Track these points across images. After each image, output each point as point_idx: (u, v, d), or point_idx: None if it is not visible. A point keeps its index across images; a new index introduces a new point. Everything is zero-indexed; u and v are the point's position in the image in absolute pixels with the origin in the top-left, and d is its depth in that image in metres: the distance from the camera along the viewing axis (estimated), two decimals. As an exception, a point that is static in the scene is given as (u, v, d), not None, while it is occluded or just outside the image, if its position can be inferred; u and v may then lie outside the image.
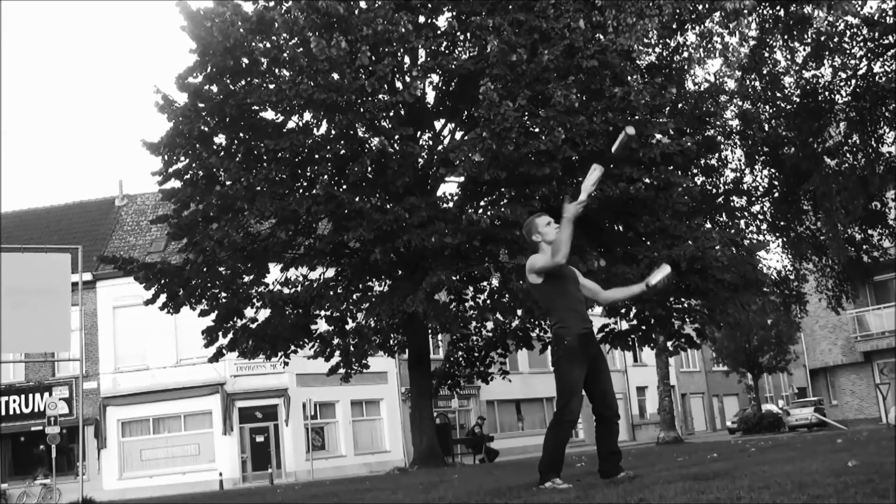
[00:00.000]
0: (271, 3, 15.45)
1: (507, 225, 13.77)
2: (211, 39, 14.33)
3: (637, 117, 14.00)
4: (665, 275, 5.57)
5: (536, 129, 13.56)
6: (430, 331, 17.31)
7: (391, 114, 15.27)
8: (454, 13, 15.25)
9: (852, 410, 35.31)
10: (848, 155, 17.76)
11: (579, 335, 5.34)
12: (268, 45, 14.87)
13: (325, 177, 14.43)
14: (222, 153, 15.40)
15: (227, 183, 14.82)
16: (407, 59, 15.70)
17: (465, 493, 5.59)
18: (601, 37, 13.95)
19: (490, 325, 18.46)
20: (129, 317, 28.62)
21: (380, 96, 14.48)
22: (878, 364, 34.10)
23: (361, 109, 14.19)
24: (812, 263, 20.84)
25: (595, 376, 5.42)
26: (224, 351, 16.95)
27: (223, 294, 16.40)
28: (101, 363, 29.33)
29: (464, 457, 27.73)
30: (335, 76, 13.90)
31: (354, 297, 16.71)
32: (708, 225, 17.25)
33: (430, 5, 15.12)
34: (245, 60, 14.83)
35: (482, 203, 16.18)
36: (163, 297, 16.24)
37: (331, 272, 17.10)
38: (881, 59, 16.60)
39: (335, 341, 16.43)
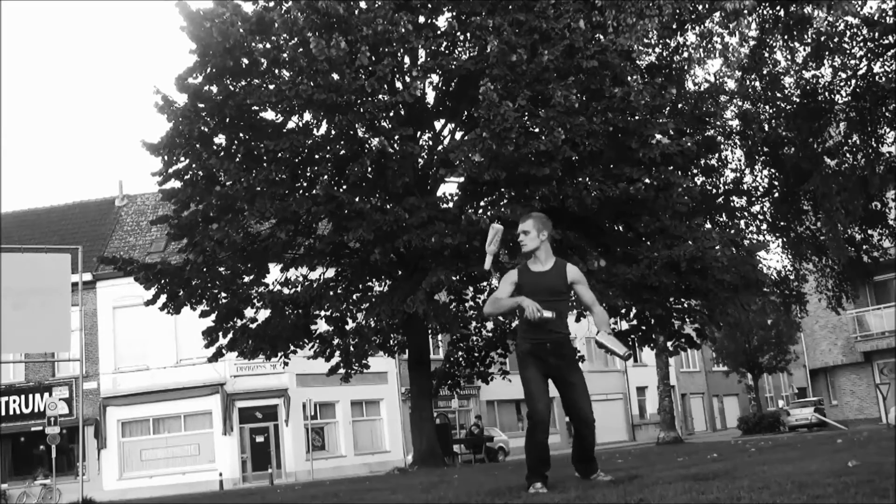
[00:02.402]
0: (271, 4, 15.45)
1: (506, 225, 13.75)
2: (210, 40, 14.33)
3: (637, 117, 14.01)
4: (615, 351, 5.43)
5: (536, 130, 13.56)
6: (430, 331, 17.31)
7: (391, 114, 15.26)
8: (454, 13, 15.24)
9: (852, 410, 35.30)
10: (848, 155, 17.75)
11: (533, 343, 5.37)
12: (267, 45, 14.87)
13: (325, 177, 14.43)
14: (222, 154, 15.39)
15: (227, 183, 14.82)
16: (407, 60, 15.69)
17: (465, 493, 5.58)
18: (601, 37, 13.94)
19: (490, 325, 18.46)
20: (129, 317, 28.65)
21: (380, 96, 14.48)
22: (878, 364, 34.09)
23: (361, 110, 14.19)
24: (812, 263, 20.83)
25: (564, 388, 5.40)
26: (224, 351, 16.95)
27: (223, 294, 16.39)
28: (101, 363, 29.35)
29: (464, 457, 27.72)
30: (335, 76, 13.89)
31: (354, 297, 16.71)
32: (708, 225, 17.24)
33: (430, 5, 15.11)
34: (245, 61, 14.83)
35: (482, 203, 16.18)
36: (163, 298, 16.24)
37: (331, 272, 17.10)
38: (881, 59, 16.59)
39: (335, 341, 16.42)
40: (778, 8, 15.28)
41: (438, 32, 15.21)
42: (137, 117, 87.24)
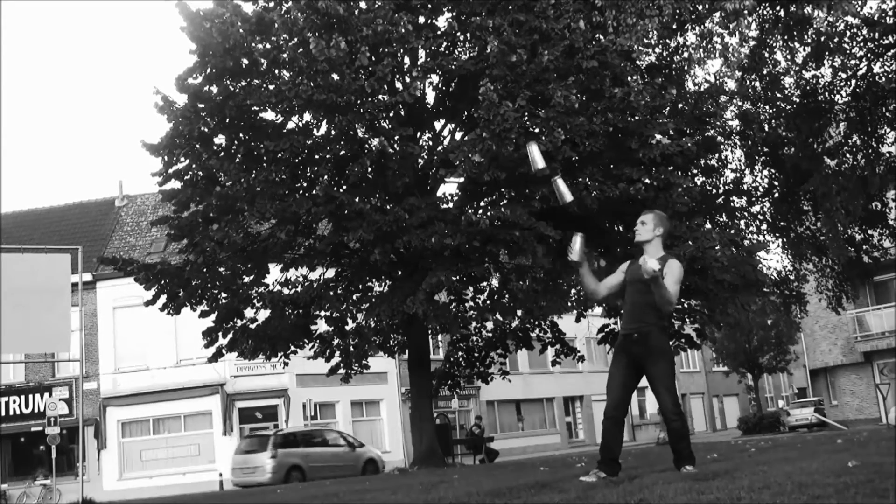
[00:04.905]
0: (271, 4, 15.44)
1: (506, 225, 13.77)
2: (210, 40, 14.32)
3: (637, 118, 14.01)
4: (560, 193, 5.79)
5: (536, 130, 13.55)
6: (429, 331, 17.31)
7: (391, 114, 15.26)
8: (454, 14, 15.24)
9: (852, 410, 35.30)
10: (848, 155, 17.74)
11: (623, 334, 5.73)
12: (267, 45, 14.86)
13: (325, 177, 14.42)
14: (222, 154, 15.39)
15: (227, 184, 14.82)
16: (407, 60, 15.69)
17: (465, 494, 5.59)
18: (601, 37, 13.94)
19: (490, 325, 18.46)
20: (129, 317, 28.64)
21: (379, 97, 14.47)
22: (878, 364, 34.10)
23: (361, 110, 14.18)
24: (812, 264, 20.81)
25: (649, 380, 5.65)
26: (224, 351, 16.95)
27: (223, 295, 16.39)
28: (101, 364, 29.35)
29: (464, 457, 27.75)
30: (335, 77, 13.89)
31: (354, 297, 16.71)
32: (708, 225, 17.21)
33: (430, 6, 15.10)
34: (245, 61, 14.82)
35: (482, 204, 16.18)
36: (163, 298, 16.23)
37: (331, 273, 17.10)
38: (881, 60, 16.59)
39: (335, 342, 16.43)
40: (778, 8, 15.28)
41: (438, 33, 15.20)
42: (137, 117, 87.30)
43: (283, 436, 22.00)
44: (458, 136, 16.38)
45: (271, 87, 14.70)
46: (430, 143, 16.65)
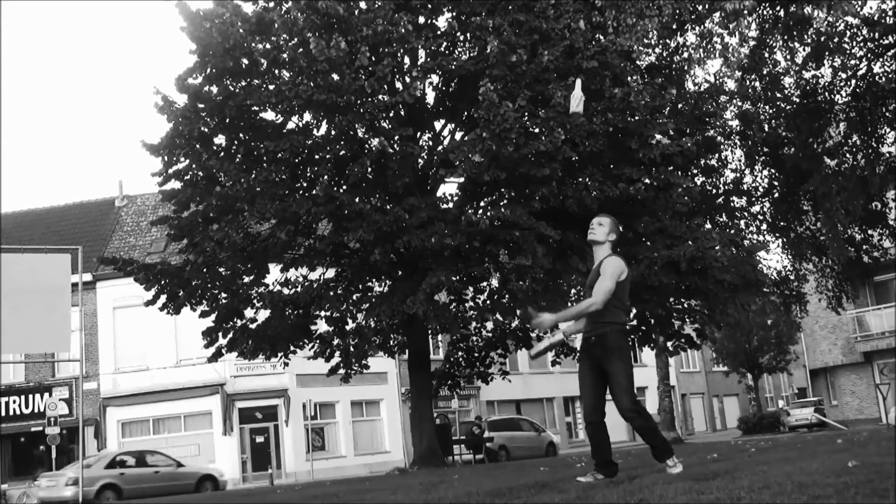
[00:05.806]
0: (271, 4, 15.45)
1: (506, 225, 13.77)
2: (210, 40, 14.32)
3: (637, 118, 14.01)
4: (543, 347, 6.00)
5: (536, 130, 13.56)
6: (429, 331, 17.30)
7: (391, 114, 15.26)
8: (454, 14, 15.24)
9: (852, 410, 35.29)
10: (848, 155, 17.75)
11: (584, 338, 5.72)
12: (267, 45, 14.86)
13: (325, 177, 14.43)
14: (222, 154, 15.40)
15: (228, 184, 14.82)
16: (407, 60, 15.69)
17: (465, 494, 5.59)
18: (601, 37, 13.95)
19: (490, 325, 18.46)
20: (129, 317, 28.63)
21: (379, 97, 14.47)
22: (878, 364, 34.08)
23: (361, 110, 14.18)
24: (812, 263, 20.83)
25: (608, 379, 5.61)
26: (224, 351, 16.95)
27: (223, 295, 16.39)
28: (101, 364, 29.34)
29: (464, 457, 27.74)
30: (335, 77, 13.89)
31: (354, 297, 16.71)
32: (708, 225, 17.23)
33: (430, 6, 15.10)
34: (245, 61, 14.82)
35: (482, 204, 16.18)
36: (163, 298, 16.24)
37: (331, 273, 17.10)
38: (881, 60, 16.61)
39: (335, 342, 16.42)
40: (778, 8, 15.30)
41: (438, 33, 15.21)
42: (137, 117, 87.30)
43: (491, 422, 27.93)
44: (458, 136, 16.38)
45: (271, 87, 14.70)
46: (430, 143, 16.65)
